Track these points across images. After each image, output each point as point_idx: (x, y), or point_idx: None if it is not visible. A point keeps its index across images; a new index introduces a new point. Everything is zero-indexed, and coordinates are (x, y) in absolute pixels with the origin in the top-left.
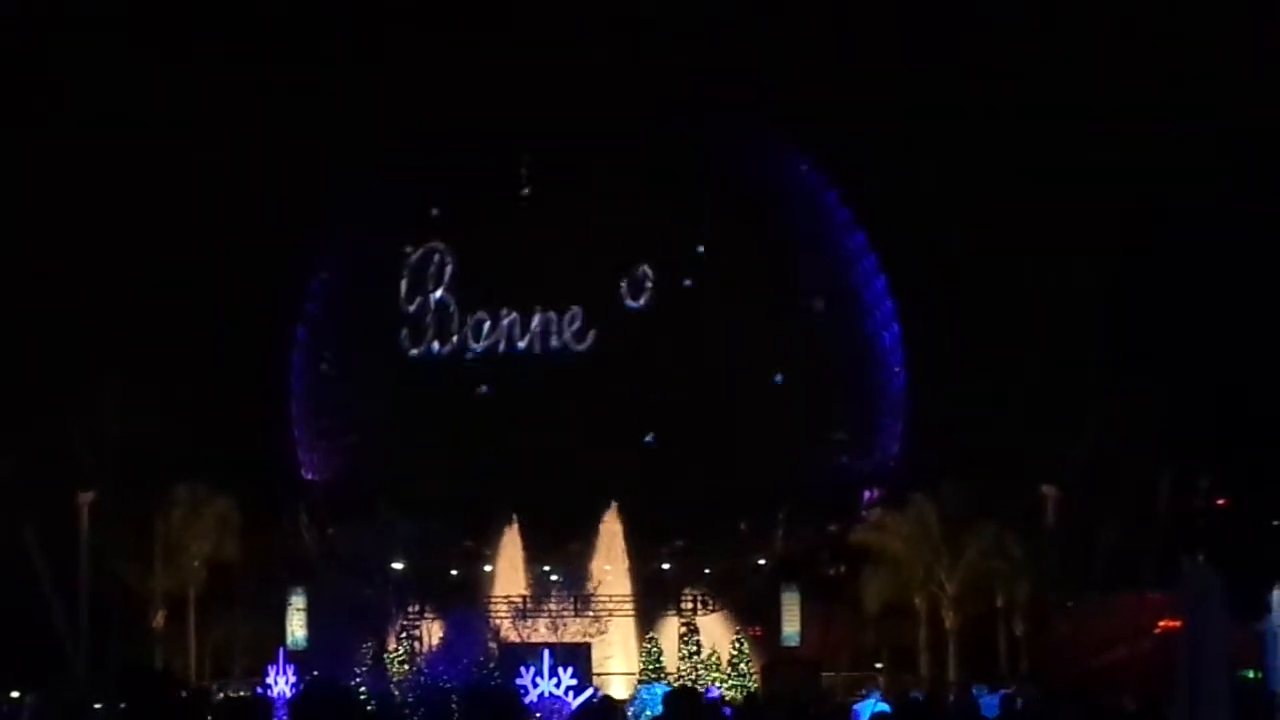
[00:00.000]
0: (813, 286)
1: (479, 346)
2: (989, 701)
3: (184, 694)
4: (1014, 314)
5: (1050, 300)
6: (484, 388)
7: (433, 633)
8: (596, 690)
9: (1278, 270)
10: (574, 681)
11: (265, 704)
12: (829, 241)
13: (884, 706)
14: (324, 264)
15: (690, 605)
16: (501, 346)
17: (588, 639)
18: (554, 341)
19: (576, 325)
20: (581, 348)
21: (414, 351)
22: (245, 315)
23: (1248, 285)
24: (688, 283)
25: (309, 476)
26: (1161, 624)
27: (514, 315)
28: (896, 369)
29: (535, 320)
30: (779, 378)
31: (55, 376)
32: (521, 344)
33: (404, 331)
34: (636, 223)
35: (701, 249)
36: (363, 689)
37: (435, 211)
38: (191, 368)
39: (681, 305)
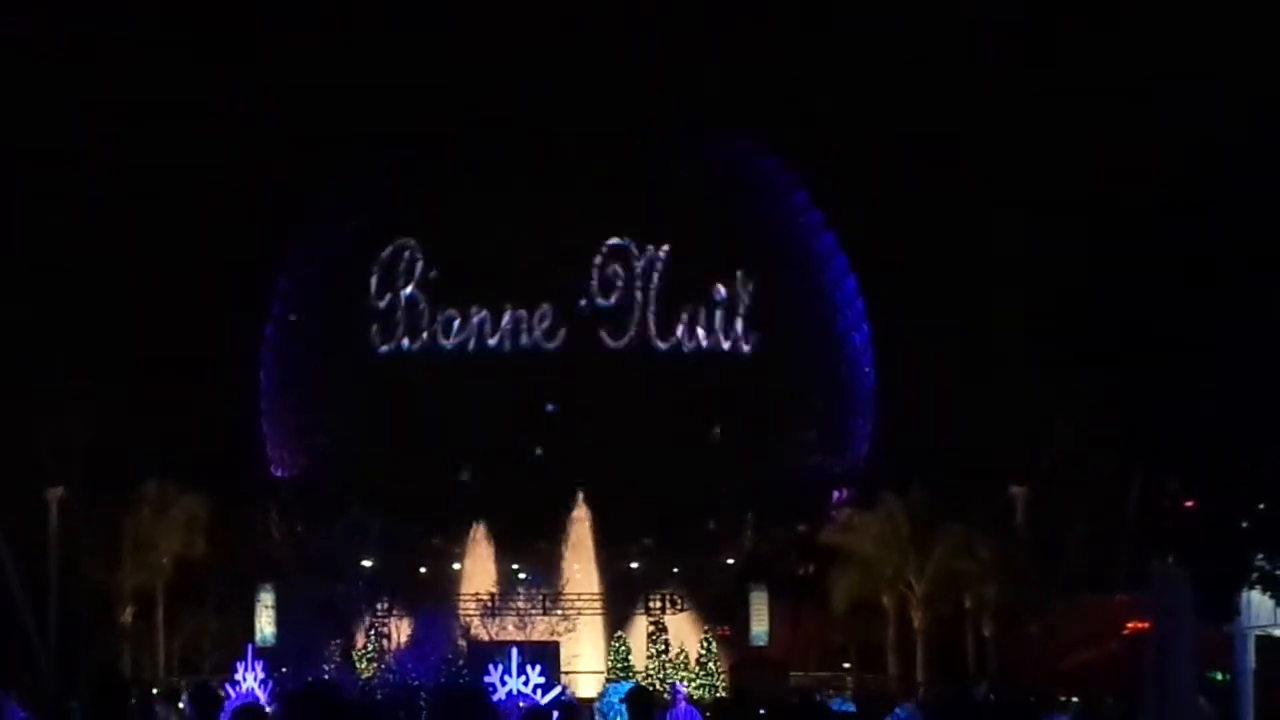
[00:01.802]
0: (781, 287)
1: (449, 343)
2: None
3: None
4: (983, 314)
5: (1019, 301)
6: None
7: (401, 630)
8: (565, 688)
9: (1246, 271)
10: (542, 680)
11: (216, 693)
12: (798, 241)
13: (849, 706)
14: (293, 261)
15: (659, 604)
16: (472, 344)
17: (556, 637)
18: (524, 339)
19: (546, 323)
20: (551, 345)
21: (384, 348)
22: (213, 312)
23: (1216, 285)
24: (656, 281)
25: (278, 474)
26: (1130, 626)
27: (484, 313)
28: (866, 369)
29: (506, 318)
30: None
31: (21, 374)
32: (491, 341)
33: (374, 328)
34: (606, 221)
35: (666, 249)
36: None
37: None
38: (159, 364)
39: (651, 305)
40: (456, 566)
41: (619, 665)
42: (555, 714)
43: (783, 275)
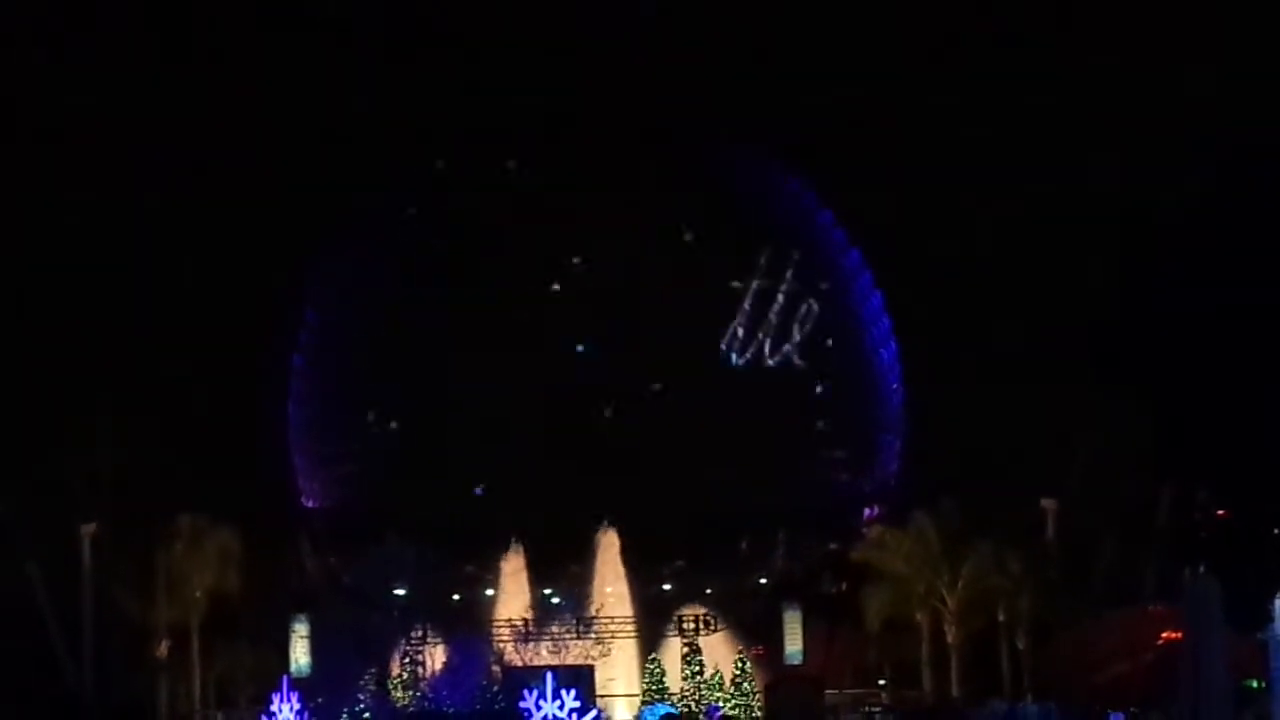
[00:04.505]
0: (809, 306)
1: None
2: None
3: None
4: (1012, 329)
5: (1048, 315)
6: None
7: (435, 658)
8: (600, 712)
9: (1276, 283)
10: (577, 704)
11: None
12: (825, 260)
13: None
14: (319, 294)
15: (692, 625)
16: (503, 369)
17: (590, 661)
18: (556, 362)
19: (583, 350)
20: (587, 371)
21: (417, 373)
22: (243, 346)
23: (1246, 299)
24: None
25: (310, 504)
26: (1163, 637)
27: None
28: (894, 386)
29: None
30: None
31: (55, 411)
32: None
33: (405, 352)
34: (635, 247)
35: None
36: (367, 714)
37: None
38: (190, 400)
39: (681, 325)
40: (490, 593)
41: (654, 687)
42: None
43: (809, 293)
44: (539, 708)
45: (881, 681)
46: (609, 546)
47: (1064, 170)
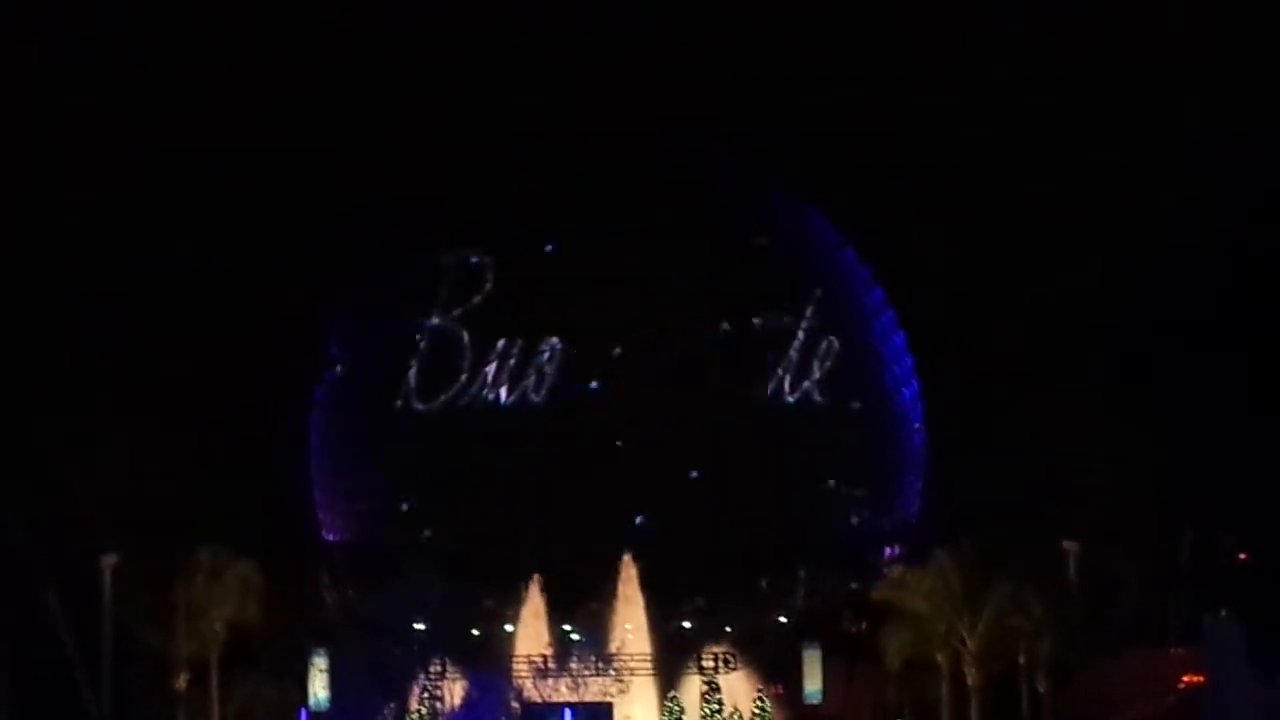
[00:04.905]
0: (830, 343)
1: (497, 395)
2: None
3: None
4: (1034, 370)
5: (1070, 356)
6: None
7: (454, 693)
8: None
9: None
10: None
11: None
12: (848, 298)
13: None
14: (341, 326)
15: (712, 664)
16: (524, 392)
17: (609, 698)
18: (570, 390)
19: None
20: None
21: (431, 404)
22: (264, 380)
23: (1269, 339)
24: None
25: (329, 537)
26: (1185, 680)
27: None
28: (916, 425)
29: (551, 369)
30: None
31: (75, 442)
32: (536, 397)
33: (417, 385)
34: (655, 279)
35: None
36: None
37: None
38: (211, 432)
39: (699, 361)
40: (509, 628)
41: None
42: None
43: (831, 331)
44: None
45: None
46: (629, 583)
47: (1090, 205)
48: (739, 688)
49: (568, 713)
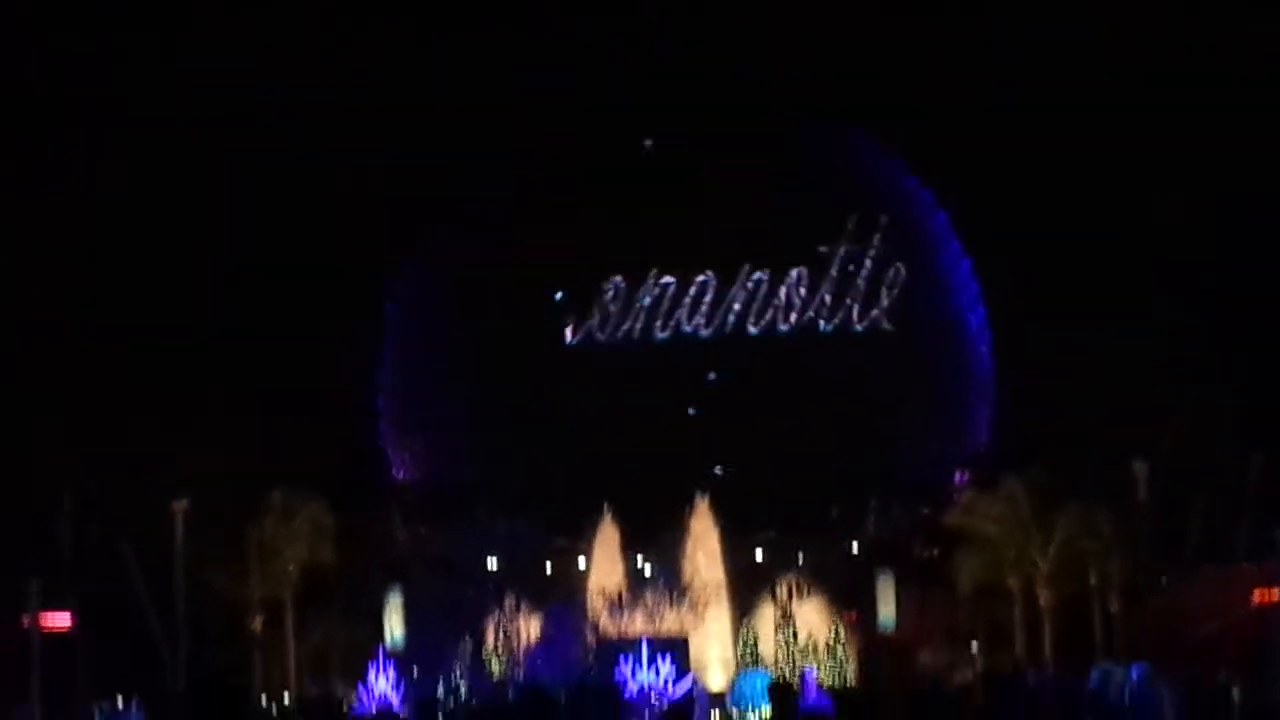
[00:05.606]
0: (898, 270)
1: (571, 339)
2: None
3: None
4: (1102, 291)
5: (1140, 277)
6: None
7: (530, 628)
8: (695, 679)
9: None
10: (673, 672)
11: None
12: (913, 226)
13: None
14: (409, 265)
15: (785, 593)
16: (596, 334)
17: (684, 630)
18: (648, 331)
19: (681, 311)
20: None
21: (504, 344)
22: (332, 319)
23: None
24: (758, 275)
25: (400, 476)
26: (1256, 595)
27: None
28: (984, 350)
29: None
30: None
31: (146, 389)
32: (602, 335)
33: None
34: (737, 223)
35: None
36: (463, 687)
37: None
38: (278, 373)
39: (767, 296)
40: (582, 563)
41: (747, 655)
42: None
43: (897, 258)
44: (634, 676)
45: (974, 645)
46: (701, 516)
47: (1158, 128)
48: (813, 617)
49: (644, 644)
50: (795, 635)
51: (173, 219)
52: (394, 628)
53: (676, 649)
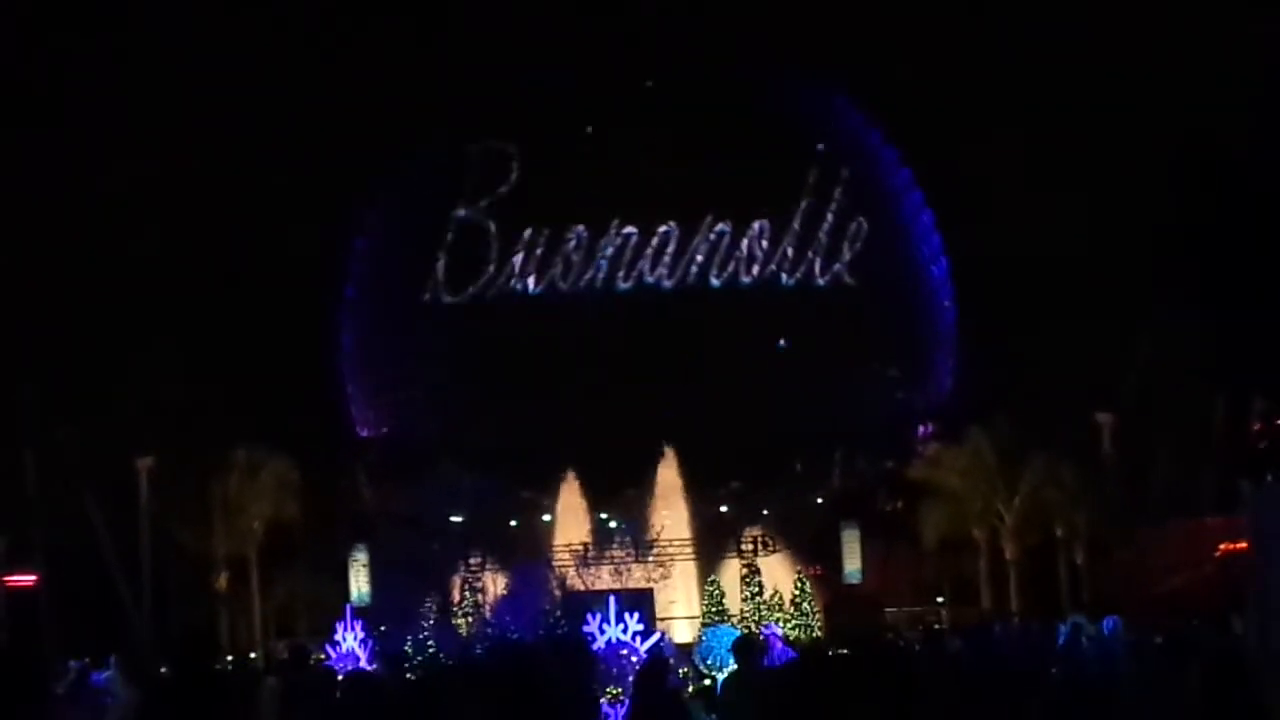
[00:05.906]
0: (859, 224)
1: (531, 286)
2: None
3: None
4: (1063, 241)
5: (1101, 226)
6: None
7: (496, 584)
8: (663, 634)
9: None
10: (640, 627)
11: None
12: (875, 179)
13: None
14: (370, 220)
15: (750, 546)
16: (559, 283)
17: (651, 584)
18: (606, 280)
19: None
20: (627, 285)
21: (464, 293)
22: (294, 276)
23: None
24: (720, 227)
25: (364, 433)
26: (1222, 547)
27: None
28: (946, 303)
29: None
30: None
31: (108, 343)
32: (564, 285)
33: (446, 275)
34: (684, 171)
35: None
36: (431, 643)
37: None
38: (241, 329)
39: (729, 248)
40: (547, 518)
41: (713, 609)
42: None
43: (859, 211)
44: (603, 631)
45: (940, 598)
46: (666, 469)
47: (1120, 82)
48: (778, 570)
49: (612, 599)
50: (761, 589)
51: (127, 173)
52: (360, 584)
53: (643, 604)
